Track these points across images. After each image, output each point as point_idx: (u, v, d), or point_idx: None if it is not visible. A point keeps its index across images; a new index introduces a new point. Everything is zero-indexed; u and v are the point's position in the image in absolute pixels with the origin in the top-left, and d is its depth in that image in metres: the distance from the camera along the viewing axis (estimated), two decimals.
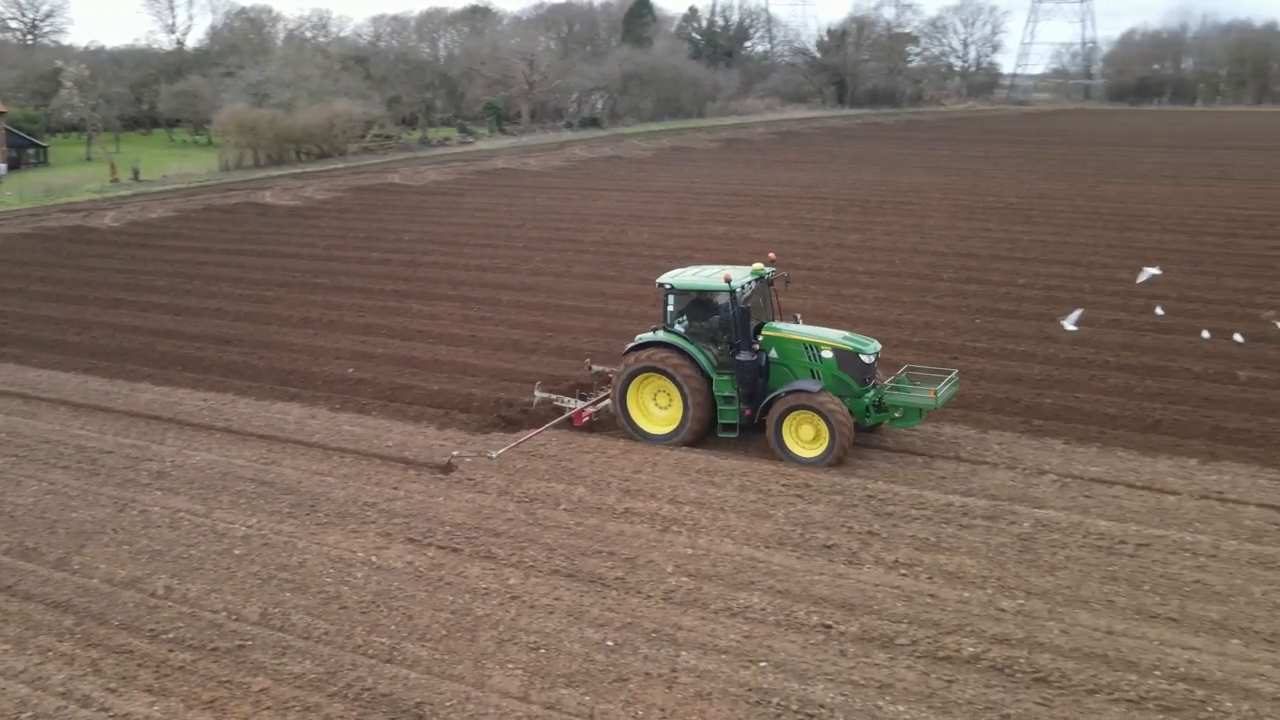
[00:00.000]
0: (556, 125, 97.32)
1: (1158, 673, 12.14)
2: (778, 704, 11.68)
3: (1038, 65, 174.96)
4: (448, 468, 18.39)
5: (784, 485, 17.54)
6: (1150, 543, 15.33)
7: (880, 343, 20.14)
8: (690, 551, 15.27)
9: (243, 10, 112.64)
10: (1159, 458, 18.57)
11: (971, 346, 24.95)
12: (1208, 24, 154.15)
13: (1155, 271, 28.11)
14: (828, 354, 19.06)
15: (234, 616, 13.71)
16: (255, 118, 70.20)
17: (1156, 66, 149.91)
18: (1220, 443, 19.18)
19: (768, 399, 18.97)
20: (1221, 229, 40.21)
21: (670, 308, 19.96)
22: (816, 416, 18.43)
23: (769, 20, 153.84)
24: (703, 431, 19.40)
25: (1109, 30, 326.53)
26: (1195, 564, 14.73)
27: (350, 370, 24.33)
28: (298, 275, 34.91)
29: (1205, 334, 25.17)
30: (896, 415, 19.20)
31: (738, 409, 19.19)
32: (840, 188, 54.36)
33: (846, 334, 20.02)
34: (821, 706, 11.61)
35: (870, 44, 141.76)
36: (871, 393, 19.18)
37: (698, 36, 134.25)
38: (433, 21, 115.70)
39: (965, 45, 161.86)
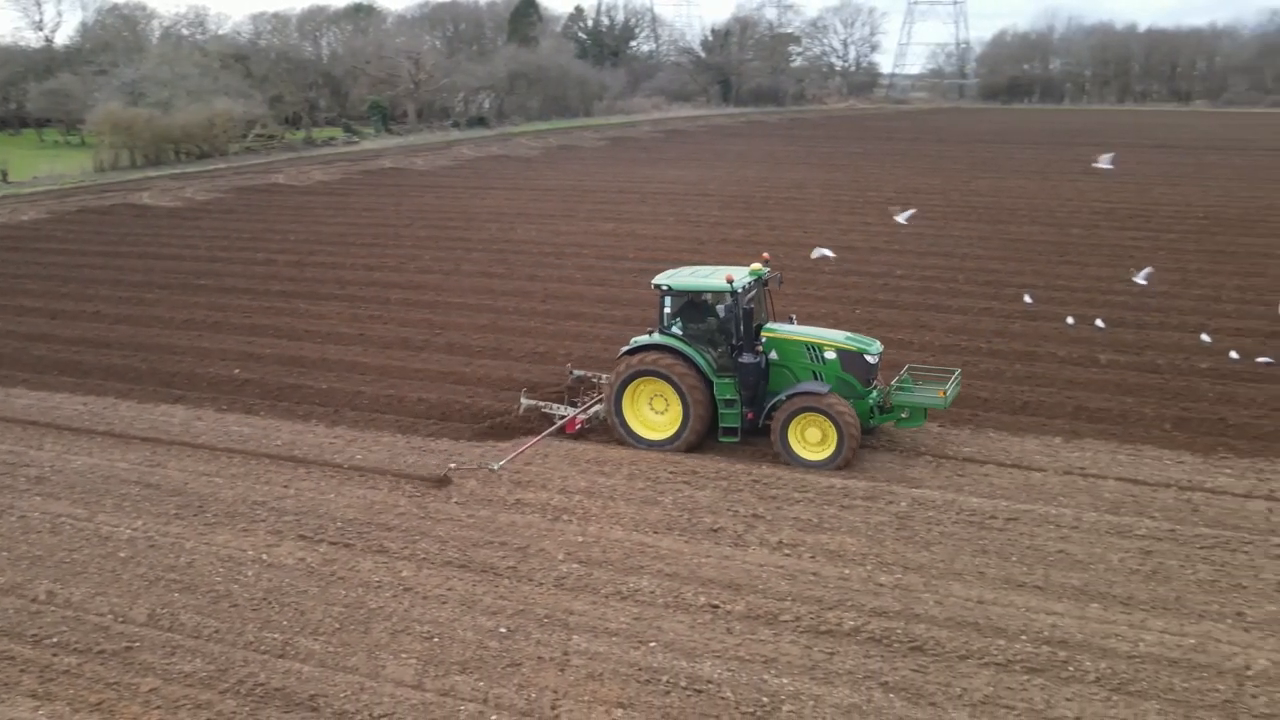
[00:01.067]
0: (443, 125, 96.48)
1: (1024, 637, 12.83)
2: (667, 682, 12.03)
3: (914, 65, 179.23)
4: (443, 481, 17.71)
5: (671, 472, 17.95)
6: (1018, 517, 16.15)
7: None
8: (581, 539, 15.58)
9: (115, 6, 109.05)
10: (1026, 437, 19.49)
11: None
12: (1073, 26, 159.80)
13: (827, 254, 27.97)
14: (831, 355, 18.76)
15: (120, 619, 13.57)
16: (131, 117, 68.13)
17: (1026, 67, 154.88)
18: (1083, 421, 20.20)
19: (774, 401, 18.54)
20: (1085, 221, 42.03)
21: (667, 310, 19.34)
22: (824, 419, 18.10)
23: (654, 20, 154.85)
24: (703, 436, 18.95)
25: (981, 31, 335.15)
26: (1059, 535, 15.56)
27: (236, 371, 24.03)
28: (180, 277, 34.20)
29: (1070, 320, 26.38)
30: (903, 416, 19.07)
31: (739, 412, 18.76)
32: (726, 184, 55.16)
33: (849, 334, 19.87)
34: (709, 682, 12.00)
35: (754, 44, 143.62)
36: (875, 394, 19.07)
37: (584, 36, 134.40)
38: (314, 19, 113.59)
39: (845, 45, 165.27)
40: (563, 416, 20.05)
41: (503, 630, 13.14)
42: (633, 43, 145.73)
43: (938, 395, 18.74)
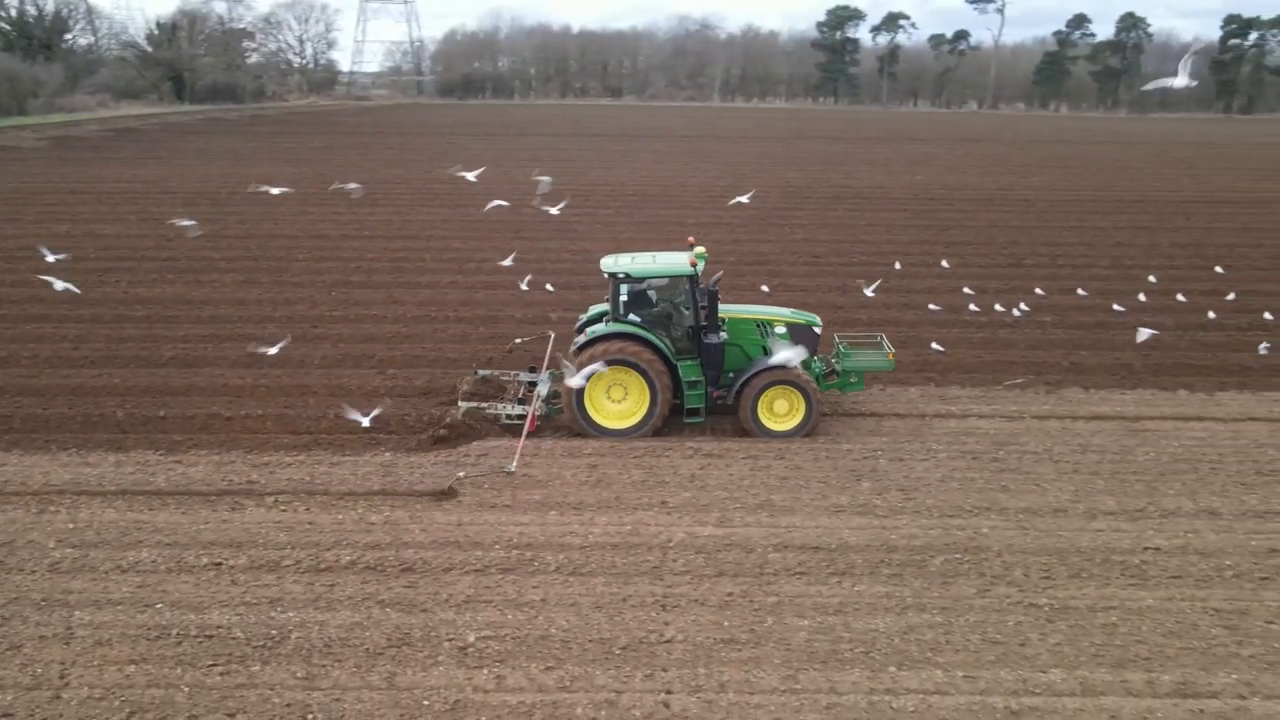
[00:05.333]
0: None
1: (498, 546, 15.03)
2: (177, 634, 12.73)
3: (373, 63, 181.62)
4: (449, 492, 16.91)
5: (160, 456, 18.34)
6: (488, 452, 18.53)
7: (245, 318, 21.22)
8: (72, 526, 15.61)
9: None
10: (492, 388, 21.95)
11: (330, 315, 27.02)
12: (515, 26, 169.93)
13: (354, 185, 28.66)
14: (781, 329, 19.91)
15: None
16: None
17: (477, 64, 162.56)
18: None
19: (744, 378, 19.24)
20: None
21: (623, 297, 19.45)
22: (792, 391, 19.24)
23: (90, 11, 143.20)
24: (666, 419, 19.39)
25: (434, 30, 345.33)
26: (523, 462, 18.09)
27: None
28: None
29: (550, 288, 29.53)
30: (852, 381, 20.45)
31: (704, 393, 19.40)
32: (188, 182, 53.53)
33: (793, 310, 21.03)
34: (219, 627, 12.88)
35: (204, 39, 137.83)
36: (819, 364, 20.35)
37: (8, 27, 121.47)
38: None
39: (301, 42, 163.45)
40: (510, 416, 19.84)
41: None
42: (68, 35, 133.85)
43: (887, 357, 20.48)
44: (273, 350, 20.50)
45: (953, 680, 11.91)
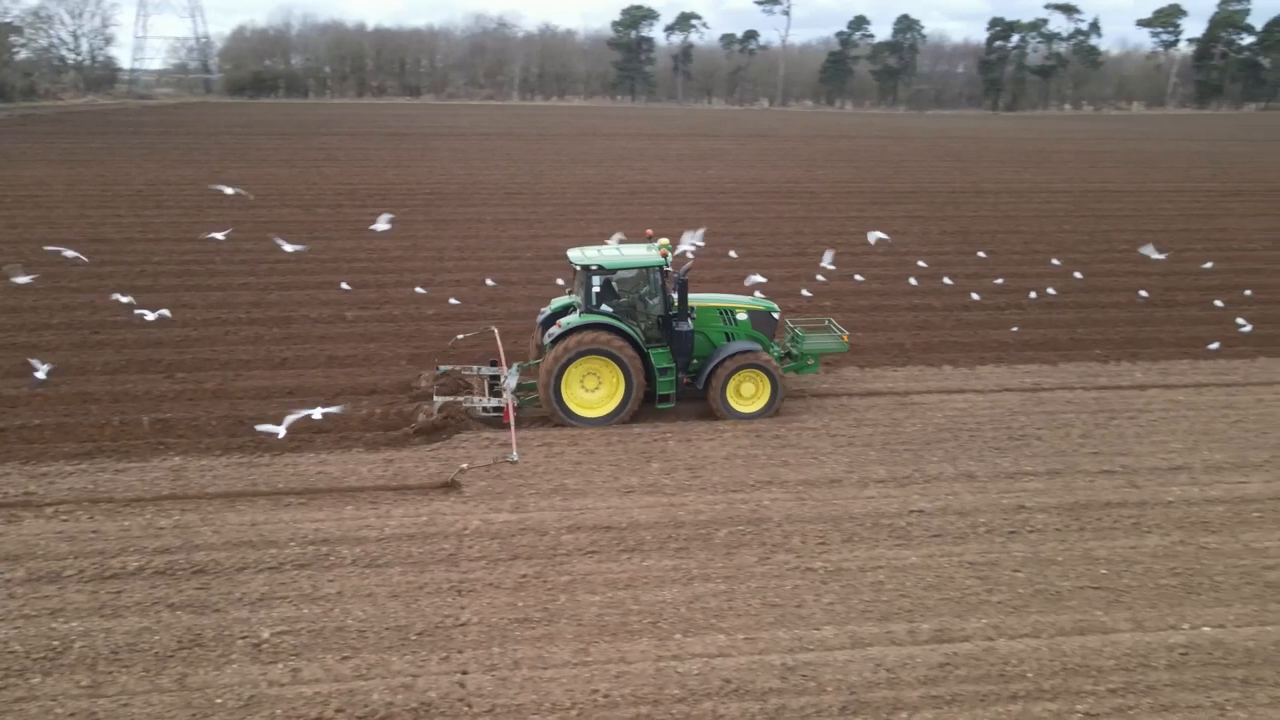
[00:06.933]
0: None
1: (293, 543, 15.08)
2: None
3: (156, 60, 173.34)
4: (451, 485, 17.16)
5: None
6: (300, 448, 18.50)
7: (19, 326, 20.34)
8: None
9: None
10: (288, 389, 21.74)
11: (112, 320, 26.10)
12: (308, 23, 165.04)
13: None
14: (743, 316, 20.84)
15: None
16: None
17: (268, 62, 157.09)
18: (335, 369, 23.01)
19: (715, 364, 20.00)
20: (331, 201, 45.68)
21: (596, 289, 19.90)
22: (759, 374, 20.19)
23: None
24: (638, 407, 20.00)
25: (221, 27, 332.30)
26: (318, 461, 18.11)
27: None
28: None
29: (346, 286, 29.26)
30: (809, 363, 21.39)
31: (674, 379, 19.99)
32: None
33: (752, 297, 22.13)
34: None
35: None
36: (777, 347, 21.24)
37: None
38: None
39: (76, 38, 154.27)
40: (487, 409, 20.20)
41: None
42: None
43: (842, 339, 21.53)
44: (41, 374, 20.74)
45: (734, 642, 12.71)
